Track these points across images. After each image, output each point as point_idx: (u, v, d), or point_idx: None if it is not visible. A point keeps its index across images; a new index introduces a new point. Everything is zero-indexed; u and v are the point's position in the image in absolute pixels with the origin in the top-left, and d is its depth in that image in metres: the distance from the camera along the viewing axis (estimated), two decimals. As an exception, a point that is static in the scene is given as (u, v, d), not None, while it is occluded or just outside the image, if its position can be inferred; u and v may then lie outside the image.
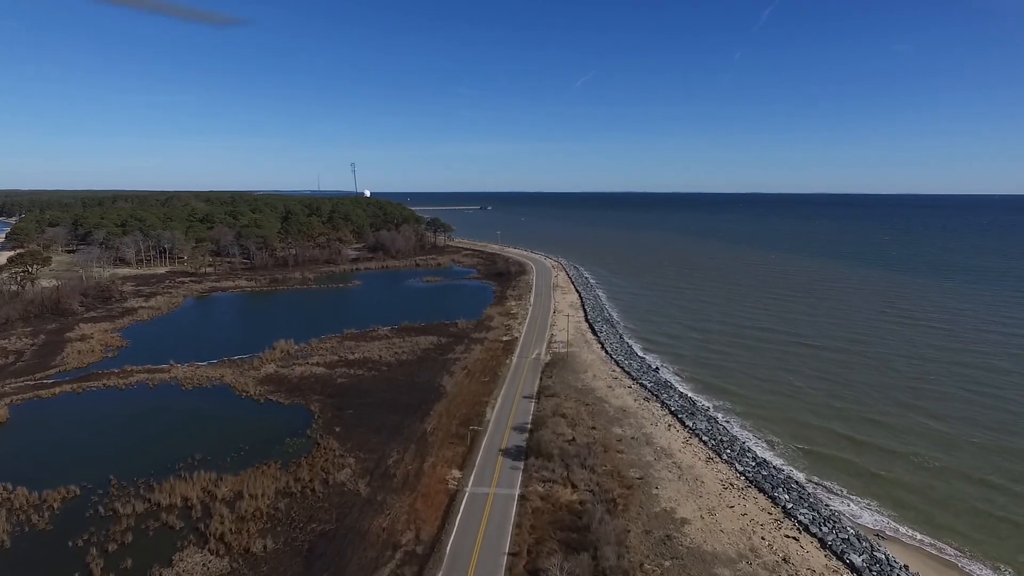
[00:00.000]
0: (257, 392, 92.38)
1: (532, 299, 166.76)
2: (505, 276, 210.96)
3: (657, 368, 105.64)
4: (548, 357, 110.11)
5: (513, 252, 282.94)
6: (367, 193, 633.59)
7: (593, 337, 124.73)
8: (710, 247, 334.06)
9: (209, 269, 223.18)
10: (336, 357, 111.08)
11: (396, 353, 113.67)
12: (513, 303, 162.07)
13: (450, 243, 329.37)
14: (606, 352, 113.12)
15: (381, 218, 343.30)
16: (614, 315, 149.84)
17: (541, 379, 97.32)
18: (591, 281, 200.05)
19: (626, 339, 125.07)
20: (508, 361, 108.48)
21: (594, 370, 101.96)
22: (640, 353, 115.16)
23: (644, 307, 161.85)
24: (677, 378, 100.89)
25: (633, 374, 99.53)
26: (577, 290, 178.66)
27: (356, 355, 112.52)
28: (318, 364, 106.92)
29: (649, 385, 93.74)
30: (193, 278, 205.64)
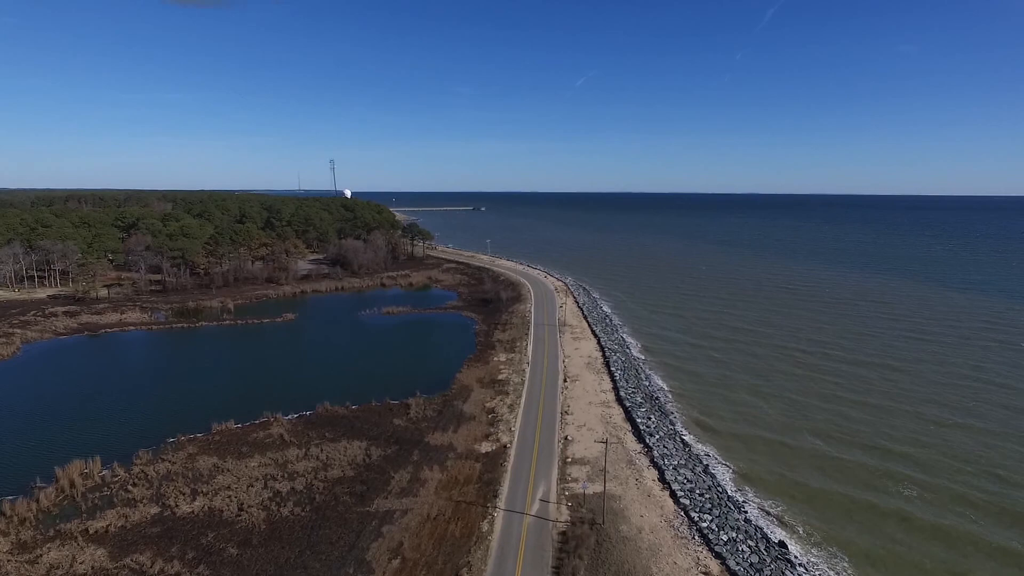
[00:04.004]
0: None
1: (530, 348, 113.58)
2: (494, 305, 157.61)
3: (784, 545, 52.52)
4: (566, 511, 56.89)
5: (506, 266, 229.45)
6: (347, 193, 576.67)
7: (639, 447, 71.13)
8: (739, 259, 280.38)
9: (103, 292, 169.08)
10: (154, 510, 57.45)
11: (276, 494, 60.24)
12: (502, 357, 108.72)
13: (431, 253, 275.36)
14: (673, 497, 59.53)
15: (351, 222, 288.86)
16: (660, 384, 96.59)
17: (554, 603, 44.16)
18: (611, 316, 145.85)
19: (696, 451, 71.63)
20: (486, 524, 55.10)
21: (663, 570, 48.54)
22: (734, 493, 61.68)
23: (696, 364, 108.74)
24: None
25: (752, 586, 46.11)
26: (594, 333, 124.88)
27: (198, 500, 59.01)
28: (105, 535, 53.44)
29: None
30: (73, 307, 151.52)
